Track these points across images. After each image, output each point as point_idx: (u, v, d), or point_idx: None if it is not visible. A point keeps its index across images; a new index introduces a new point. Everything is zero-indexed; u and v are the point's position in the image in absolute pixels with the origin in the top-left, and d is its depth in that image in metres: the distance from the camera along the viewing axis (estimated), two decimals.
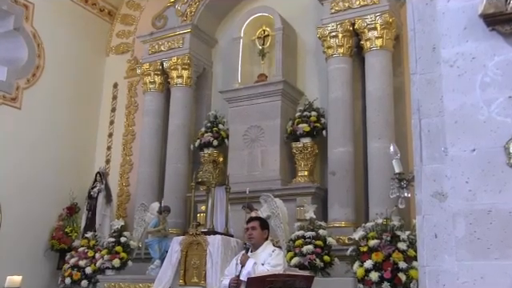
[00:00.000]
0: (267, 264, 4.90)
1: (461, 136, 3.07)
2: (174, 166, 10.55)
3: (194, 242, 7.52)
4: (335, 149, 8.96)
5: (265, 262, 4.94)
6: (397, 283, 6.78)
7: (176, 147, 10.66)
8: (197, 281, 7.36)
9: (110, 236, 9.55)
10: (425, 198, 3.17)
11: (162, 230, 9.22)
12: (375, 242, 7.02)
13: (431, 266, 3.04)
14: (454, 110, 3.14)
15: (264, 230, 5.24)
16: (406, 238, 7.00)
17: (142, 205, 9.67)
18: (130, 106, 12.21)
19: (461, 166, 3.03)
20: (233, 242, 7.57)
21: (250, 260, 4.93)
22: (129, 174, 11.74)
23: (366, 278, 6.91)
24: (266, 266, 4.87)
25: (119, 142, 12.07)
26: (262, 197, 8.24)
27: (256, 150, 9.74)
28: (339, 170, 8.80)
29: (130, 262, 9.31)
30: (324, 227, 7.93)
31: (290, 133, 9.60)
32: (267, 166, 9.55)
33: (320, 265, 7.47)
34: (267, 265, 4.89)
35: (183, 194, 10.29)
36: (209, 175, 7.94)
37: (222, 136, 10.41)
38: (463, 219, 2.95)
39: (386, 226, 7.19)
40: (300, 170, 9.48)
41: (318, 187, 9.16)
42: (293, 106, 10.05)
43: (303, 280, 4.76)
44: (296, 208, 8.87)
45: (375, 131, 8.70)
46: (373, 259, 6.91)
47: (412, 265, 6.67)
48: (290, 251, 7.68)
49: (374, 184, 8.40)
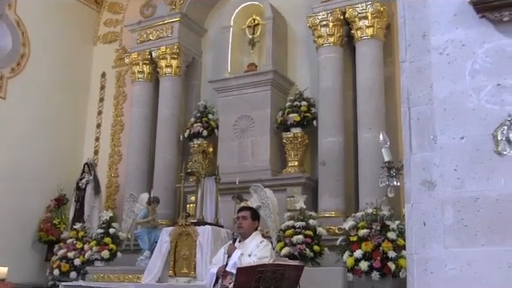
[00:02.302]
0: (254, 256, 4.90)
1: (450, 124, 3.09)
2: (163, 156, 10.53)
3: (184, 233, 7.53)
4: (325, 139, 8.98)
5: (251, 254, 4.95)
6: (386, 272, 6.84)
7: (165, 138, 10.64)
8: (186, 271, 7.37)
9: (99, 227, 9.54)
10: (414, 187, 3.19)
11: (152, 221, 9.20)
12: (365, 231, 7.08)
13: (419, 254, 3.07)
14: (443, 97, 3.16)
15: (254, 220, 5.25)
16: (396, 227, 7.05)
17: (130, 196, 9.64)
18: (119, 96, 12.15)
19: (449, 154, 3.06)
20: (223, 232, 7.59)
21: (236, 251, 4.94)
22: (117, 164, 11.70)
23: (355, 267, 6.96)
24: (253, 258, 4.88)
25: (107, 132, 12.02)
26: (252, 187, 8.24)
27: (246, 141, 9.73)
28: (329, 160, 8.82)
29: (119, 254, 9.31)
30: (314, 217, 7.96)
31: (280, 123, 9.59)
32: (257, 157, 9.54)
33: (310, 255, 7.51)
34: (254, 256, 4.89)
35: (172, 185, 10.28)
36: (198, 166, 7.94)
37: (211, 126, 10.39)
38: (451, 207, 2.98)
39: (376, 215, 7.24)
40: (290, 160, 9.50)
41: (308, 177, 9.18)
42: (283, 95, 10.04)
43: (293, 270, 4.78)
44: (286, 198, 8.89)
45: (366, 121, 8.72)
46: (362, 249, 6.96)
47: (401, 254, 6.72)
48: (280, 241, 7.71)
49: (365, 174, 8.44)
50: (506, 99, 2.96)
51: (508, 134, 2.90)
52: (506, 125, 2.92)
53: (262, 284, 4.49)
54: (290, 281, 4.71)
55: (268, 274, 4.52)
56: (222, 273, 4.89)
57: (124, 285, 7.80)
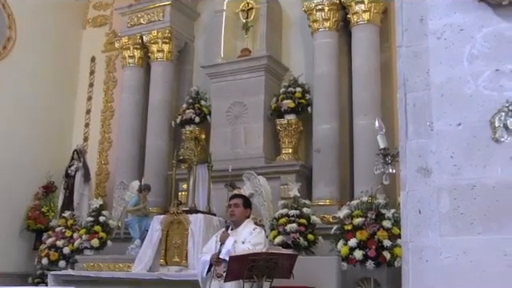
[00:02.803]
0: (247, 242, 4.92)
1: (447, 110, 3.09)
2: (155, 143, 10.51)
3: (175, 221, 7.53)
4: (320, 126, 8.98)
5: (245, 241, 4.96)
6: (381, 261, 6.88)
7: (156, 124, 10.61)
8: (178, 260, 7.39)
9: (89, 215, 9.53)
10: (409, 174, 3.20)
11: (143, 209, 9.21)
12: (360, 220, 7.10)
13: (414, 242, 3.09)
14: (440, 83, 3.15)
15: (246, 208, 5.26)
16: (391, 216, 7.08)
17: (121, 183, 9.64)
18: (109, 81, 12.09)
19: (446, 141, 3.06)
20: (215, 220, 7.60)
21: (229, 238, 4.96)
22: (108, 151, 11.67)
23: (350, 256, 6.99)
24: (247, 245, 4.90)
25: (97, 118, 11.98)
26: (245, 175, 8.25)
27: (239, 127, 9.72)
28: (324, 147, 8.83)
29: (110, 242, 9.31)
30: (308, 205, 7.98)
31: (274, 109, 9.58)
32: (250, 144, 9.54)
33: (304, 243, 7.54)
34: (247, 243, 4.91)
35: (164, 172, 10.27)
36: (190, 153, 7.93)
37: (204, 112, 10.37)
38: (447, 194, 2.98)
39: (371, 204, 7.27)
40: (284, 147, 9.50)
41: (302, 165, 9.19)
42: (277, 81, 10.02)
43: (286, 259, 4.80)
44: (280, 186, 8.90)
45: (361, 108, 8.72)
46: (357, 237, 6.99)
47: (396, 243, 6.75)
48: (273, 230, 7.73)
49: (360, 162, 8.45)
50: (505, 85, 2.97)
51: (506, 121, 2.91)
52: (504, 111, 2.92)
53: (255, 273, 4.52)
54: (284, 270, 4.74)
55: (261, 262, 4.54)
56: (216, 260, 4.90)
57: (114, 274, 7.80)
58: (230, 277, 4.61)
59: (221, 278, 4.84)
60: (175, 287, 6.98)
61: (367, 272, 7.07)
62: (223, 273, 4.78)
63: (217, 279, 4.89)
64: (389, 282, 7.17)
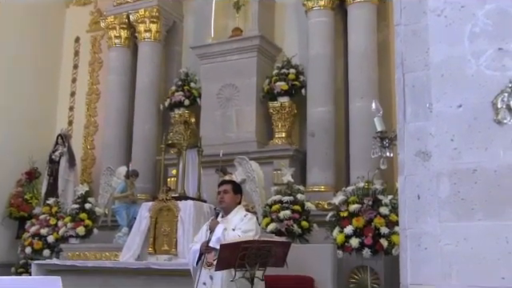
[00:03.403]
0: (238, 229, 4.91)
1: (447, 91, 3.07)
2: (143, 127, 10.49)
3: (164, 208, 7.52)
4: (315, 108, 8.98)
5: (236, 228, 4.95)
6: (378, 249, 6.88)
7: (144, 107, 10.59)
8: (167, 249, 7.39)
9: (74, 202, 9.50)
10: (407, 158, 3.18)
11: (130, 196, 9.21)
12: (356, 206, 7.09)
13: (413, 229, 3.07)
14: (440, 63, 3.12)
15: (237, 194, 5.24)
16: (389, 202, 7.07)
17: (107, 169, 9.63)
18: (94, 62, 12.02)
19: (446, 123, 3.04)
20: (206, 207, 7.59)
21: (219, 225, 4.94)
22: (93, 136, 11.65)
23: (346, 244, 6.99)
24: (237, 232, 4.88)
25: (82, 101, 11.93)
26: (236, 160, 8.25)
27: (230, 110, 9.72)
28: (319, 131, 8.83)
29: (96, 230, 9.31)
30: (302, 191, 7.99)
31: (266, 92, 9.57)
32: (242, 127, 9.55)
33: (298, 231, 7.55)
34: (238, 230, 4.90)
35: (152, 157, 10.27)
36: (180, 137, 7.91)
37: (193, 95, 10.36)
38: (447, 179, 2.96)
39: (368, 189, 7.26)
40: (277, 131, 9.51)
41: (296, 149, 9.20)
42: (270, 62, 10.00)
43: (279, 246, 4.79)
44: (273, 171, 8.92)
45: (358, 90, 8.71)
46: (353, 225, 6.99)
47: (394, 230, 6.76)
48: (266, 217, 7.74)
49: (356, 146, 8.46)
50: (508, 64, 2.93)
51: (509, 102, 2.88)
52: (507, 92, 2.90)
53: (247, 261, 4.50)
54: (277, 258, 4.73)
55: (253, 250, 4.53)
56: (205, 248, 4.88)
57: (101, 263, 7.80)
58: (221, 265, 4.59)
59: (211, 267, 4.83)
60: (164, 276, 6.98)
61: (364, 260, 7.09)
62: (213, 261, 4.76)
63: (206, 268, 4.88)
64: (386, 270, 7.20)
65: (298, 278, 6.83)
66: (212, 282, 4.85)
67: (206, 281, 4.87)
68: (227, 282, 4.73)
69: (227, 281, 4.73)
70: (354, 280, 7.33)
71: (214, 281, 4.84)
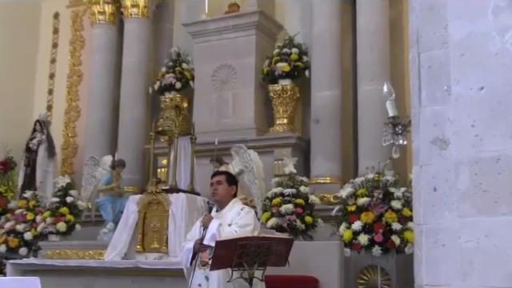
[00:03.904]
0: (234, 224, 4.90)
1: (467, 71, 3.06)
2: (130, 112, 10.50)
3: (154, 202, 7.52)
4: (320, 92, 8.97)
5: (232, 223, 4.95)
6: (389, 247, 6.90)
7: (132, 91, 10.59)
8: (157, 246, 7.38)
9: (54, 195, 9.50)
10: (423, 146, 3.18)
11: (116, 188, 9.20)
12: (365, 200, 7.11)
13: (429, 224, 3.07)
14: (460, 40, 3.11)
15: (231, 185, 5.24)
16: (401, 195, 7.09)
17: (91, 158, 9.60)
18: (75, 41, 11.99)
19: (466, 107, 3.03)
20: (199, 201, 7.58)
21: (213, 221, 4.93)
22: (75, 122, 11.64)
23: (353, 241, 7.01)
24: (234, 227, 4.88)
25: (63, 84, 11.91)
26: (233, 148, 8.25)
27: (226, 94, 9.72)
28: (324, 116, 8.83)
29: (78, 226, 9.32)
30: (306, 183, 8.00)
31: (266, 73, 9.56)
32: (240, 113, 9.56)
33: (301, 227, 7.57)
34: (234, 225, 4.89)
35: (141, 146, 10.29)
36: (171, 123, 7.89)
37: (186, 77, 10.36)
38: (467, 169, 2.96)
39: (378, 181, 7.28)
40: (278, 117, 9.52)
41: (299, 137, 9.21)
42: (270, 41, 9.99)
43: (281, 244, 4.79)
44: (273, 161, 8.94)
45: (367, 71, 8.71)
46: (362, 220, 7.01)
47: (407, 226, 6.78)
48: (266, 211, 7.76)
49: (365, 133, 8.46)
50: None
51: None
52: None
53: (245, 260, 4.50)
54: (278, 256, 4.73)
55: (252, 248, 4.53)
56: (199, 246, 4.88)
57: (84, 262, 7.81)
58: (217, 265, 4.59)
59: (206, 267, 4.83)
60: (154, 277, 6.98)
61: (373, 259, 7.12)
62: (209, 260, 4.77)
63: (201, 268, 4.88)
64: (398, 270, 7.22)
65: (301, 278, 6.85)
66: (208, 283, 4.85)
67: (202, 282, 4.87)
68: (224, 282, 4.73)
69: (224, 281, 4.73)
70: (362, 281, 7.35)
71: (209, 282, 4.84)
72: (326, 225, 7.70)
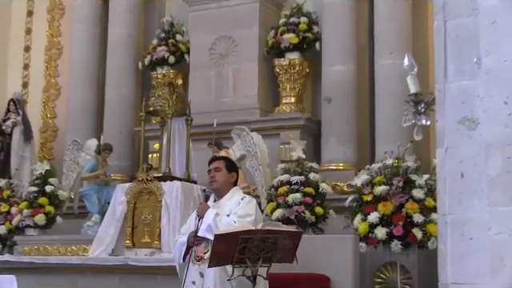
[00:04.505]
0: (233, 214, 4.92)
1: (500, 41, 3.05)
2: (117, 90, 10.51)
3: (145, 191, 7.54)
4: (332, 67, 8.97)
5: (231, 213, 4.97)
6: (410, 242, 6.91)
7: (119, 66, 10.59)
8: (149, 241, 7.42)
9: (31, 184, 9.54)
10: (449, 126, 3.18)
11: (102, 176, 9.24)
12: (383, 188, 7.12)
13: (455, 215, 3.08)
14: (491, 6, 3.11)
15: (231, 172, 5.25)
16: (424, 183, 7.10)
17: (73, 142, 9.64)
18: (54, 8, 11.95)
19: (498, 82, 3.03)
20: (196, 190, 7.61)
21: (210, 210, 4.94)
22: (55, 101, 11.65)
23: (370, 235, 7.03)
24: (232, 217, 4.88)
25: (40, 58, 11.90)
26: (234, 131, 8.28)
27: (226, 69, 9.73)
28: (337, 95, 8.84)
29: (59, 219, 9.37)
30: (316, 170, 8.02)
31: (271, 46, 9.57)
32: (241, 91, 9.58)
33: (310, 219, 7.59)
34: (233, 215, 4.90)
35: (129, 128, 10.32)
36: (163, 102, 7.90)
37: (180, 50, 10.37)
38: (499, 152, 2.96)
39: (398, 168, 7.28)
40: (285, 95, 9.54)
41: (308, 118, 9.24)
42: (276, 10, 9.99)
43: (288, 237, 4.80)
44: (279, 145, 8.98)
45: (386, 44, 8.70)
46: (379, 211, 7.02)
47: (431, 218, 6.79)
48: (271, 201, 7.78)
49: (383, 113, 8.47)
50: None
51: None
52: None
53: (248, 255, 4.52)
54: (284, 252, 4.74)
55: (255, 242, 4.54)
56: (193, 239, 4.89)
57: (66, 259, 7.84)
58: (216, 261, 4.59)
59: (201, 262, 4.84)
60: (145, 275, 7.02)
61: (392, 255, 7.13)
62: (204, 255, 4.78)
63: (195, 263, 4.89)
64: (420, 267, 7.26)
65: (311, 276, 6.88)
66: (203, 279, 4.85)
67: (196, 279, 4.87)
68: (222, 279, 4.75)
69: (222, 278, 4.74)
70: (379, 280, 7.39)
71: (205, 278, 4.85)
72: (339, 217, 7.71)
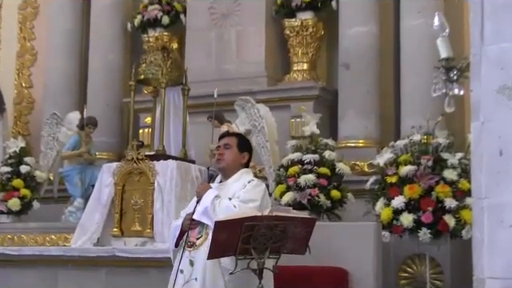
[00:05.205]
0: (236, 198, 4.91)
1: None
2: (103, 56, 10.54)
3: (135, 172, 7.57)
4: (350, 29, 8.97)
5: (233, 196, 4.96)
6: (442, 230, 6.91)
7: (105, 27, 10.61)
8: (139, 229, 7.45)
9: (4, 164, 9.58)
10: (486, 96, 3.18)
11: (86, 154, 9.26)
12: (409, 169, 7.11)
13: (492, 198, 3.08)
14: None
15: (243, 152, 5.22)
16: (457, 162, 7.09)
17: (52, 116, 9.65)
18: None
19: None
20: (194, 170, 7.63)
21: (209, 191, 4.91)
22: (31, 68, 11.69)
23: (394, 222, 7.03)
24: (234, 201, 4.86)
25: (13, 17, 11.89)
26: (237, 102, 8.27)
27: (229, 32, 9.74)
28: (356, 60, 8.83)
29: (37, 203, 9.40)
30: (332, 147, 8.01)
31: (280, 4, 9.59)
32: (246, 56, 9.60)
33: (325, 203, 7.59)
34: (235, 199, 4.89)
35: (117, 100, 10.38)
36: (156, 70, 7.91)
37: (175, 10, 10.39)
38: None
39: (427, 145, 7.27)
40: (296, 61, 9.56)
41: (323, 88, 9.26)
42: None
43: (299, 225, 4.79)
44: (290, 119, 9.00)
45: (413, 1, 8.67)
46: (405, 195, 7.01)
47: (465, 202, 6.78)
48: (280, 183, 7.78)
49: (410, 81, 8.47)
50: None
51: None
52: None
53: (254, 245, 4.53)
54: (295, 241, 4.75)
55: (262, 230, 4.55)
56: (188, 222, 4.89)
57: (44, 250, 7.88)
58: (216, 251, 4.59)
59: (192, 248, 4.83)
60: (135, 268, 7.07)
61: (420, 246, 7.13)
62: (196, 240, 4.79)
63: (186, 249, 4.89)
64: (453, 260, 7.26)
65: (326, 270, 6.90)
66: (192, 269, 4.84)
67: (184, 267, 4.83)
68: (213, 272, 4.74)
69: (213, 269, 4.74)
70: (406, 274, 7.39)
71: (194, 267, 4.84)
72: (359, 201, 7.72)
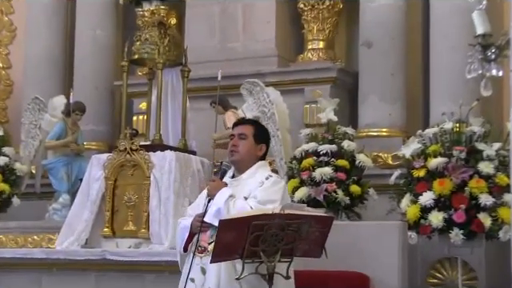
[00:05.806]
0: (252, 198, 4.89)
1: None
2: (91, 33, 10.55)
3: (129, 164, 7.58)
4: (373, 2, 8.94)
5: (250, 196, 4.95)
6: (476, 231, 6.90)
7: (93, 1, 10.59)
8: (133, 229, 7.47)
9: None
10: None
11: (72, 144, 9.25)
12: (440, 161, 7.10)
13: None
14: None
15: (260, 143, 5.19)
16: (494, 154, 7.07)
17: (34, 101, 9.64)
18: None
19: None
20: (195, 162, 7.63)
21: (223, 190, 4.90)
22: (9, 46, 11.74)
23: (422, 221, 7.02)
24: (250, 202, 4.85)
25: None
26: (244, 86, 8.26)
27: (235, 6, 9.77)
28: (379, 38, 8.83)
29: (17, 200, 9.40)
30: (352, 137, 8.03)
31: None
32: (254, 34, 9.62)
33: (344, 200, 7.60)
34: (252, 199, 4.88)
35: (108, 83, 10.42)
36: (152, 48, 7.92)
37: None
38: None
39: (460, 134, 7.25)
40: (311, 39, 9.57)
41: (341, 69, 9.27)
42: None
43: (314, 224, 4.78)
44: (304, 105, 9.03)
45: None
46: (435, 191, 7.01)
47: (503, 200, 6.77)
48: (292, 177, 7.79)
49: (440, 62, 8.43)
50: None
51: None
52: None
53: (263, 247, 4.52)
54: (310, 242, 4.75)
55: (272, 230, 4.54)
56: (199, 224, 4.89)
57: (26, 252, 7.90)
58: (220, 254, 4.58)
59: (204, 254, 4.84)
60: (129, 273, 7.10)
61: (452, 249, 7.13)
62: (208, 245, 4.78)
63: (197, 255, 4.90)
64: (489, 264, 7.23)
65: (345, 275, 6.91)
66: (204, 277, 4.85)
67: (196, 276, 4.86)
68: (228, 278, 4.75)
69: (228, 277, 4.75)
70: (435, 280, 7.38)
71: (207, 276, 4.85)
72: (382, 197, 7.73)
